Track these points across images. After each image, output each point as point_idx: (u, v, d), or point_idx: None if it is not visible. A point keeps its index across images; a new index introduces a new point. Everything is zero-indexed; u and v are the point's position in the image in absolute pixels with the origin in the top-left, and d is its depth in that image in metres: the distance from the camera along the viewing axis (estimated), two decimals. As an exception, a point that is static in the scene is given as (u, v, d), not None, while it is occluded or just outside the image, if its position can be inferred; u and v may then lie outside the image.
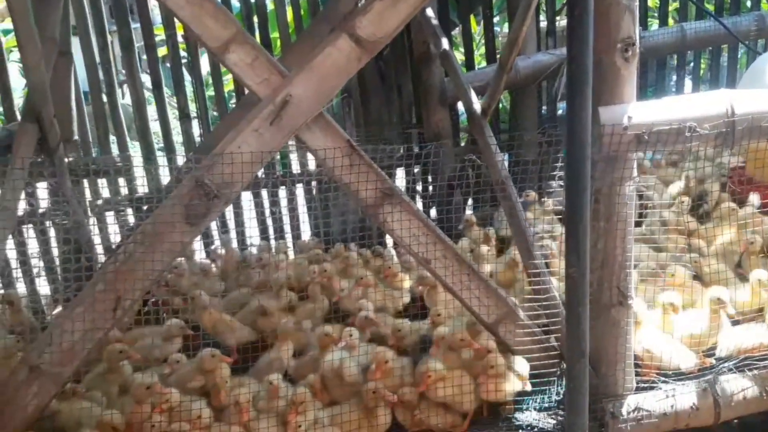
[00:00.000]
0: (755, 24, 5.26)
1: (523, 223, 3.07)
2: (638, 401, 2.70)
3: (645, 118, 2.29)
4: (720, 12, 5.61)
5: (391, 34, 2.28)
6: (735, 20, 5.31)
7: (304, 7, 5.19)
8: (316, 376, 2.81)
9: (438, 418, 2.67)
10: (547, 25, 5.68)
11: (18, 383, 2.43)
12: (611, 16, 2.25)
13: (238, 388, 2.66)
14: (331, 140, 2.39)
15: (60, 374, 2.45)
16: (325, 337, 2.87)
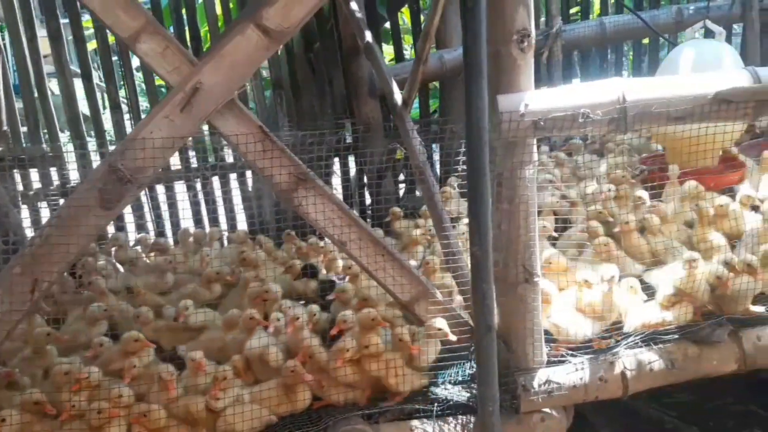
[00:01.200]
0: (674, 17, 5.53)
1: (439, 206, 3.19)
2: (549, 374, 2.84)
3: (541, 105, 2.43)
4: (640, 6, 5.85)
5: (298, 25, 2.37)
6: (653, 14, 5.57)
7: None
8: (240, 357, 2.88)
9: (340, 396, 2.77)
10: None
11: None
12: (506, 9, 2.37)
13: (163, 365, 2.71)
14: (244, 126, 2.46)
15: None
16: (250, 320, 2.94)
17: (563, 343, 2.98)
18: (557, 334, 3.01)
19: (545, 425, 2.82)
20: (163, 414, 2.58)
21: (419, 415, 2.75)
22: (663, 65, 4.16)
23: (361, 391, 2.79)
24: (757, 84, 2.41)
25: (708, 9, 5.42)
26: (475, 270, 2.47)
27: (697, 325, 2.96)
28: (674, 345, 2.95)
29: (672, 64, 3.97)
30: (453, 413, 2.77)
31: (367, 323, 2.85)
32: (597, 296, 2.99)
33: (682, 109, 2.41)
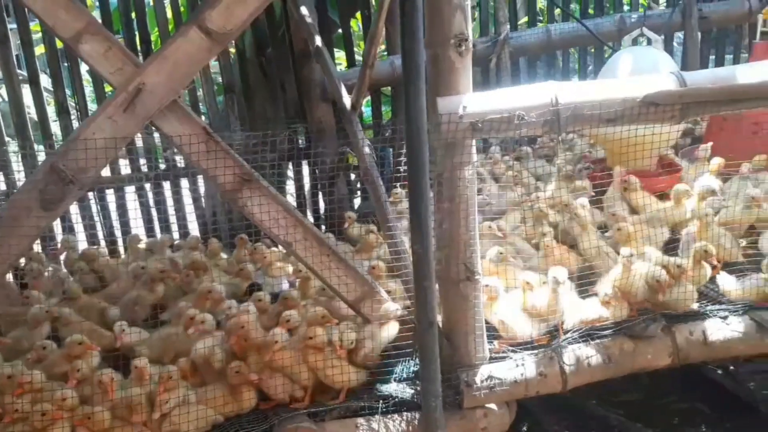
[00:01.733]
0: (617, 25, 5.71)
1: (386, 208, 3.25)
2: (491, 370, 2.91)
3: (479, 107, 2.50)
4: (585, 14, 6.03)
5: (240, 27, 2.41)
6: (597, 22, 5.75)
7: (183, 3, 5.21)
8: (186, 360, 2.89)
9: (278, 389, 2.81)
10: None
11: None
12: (444, 14, 2.44)
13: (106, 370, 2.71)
14: (188, 127, 2.48)
15: None
16: (190, 320, 2.95)
17: (507, 340, 3.06)
18: (503, 331, 3.09)
19: (488, 420, 2.89)
20: (107, 416, 2.58)
21: (365, 412, 2.80)
22: (603, 71, 4.31)
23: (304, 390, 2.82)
24: (683, 87, 2.54)
25: (646, 17, 5.63)
26: (417, 268, 2.53)
27: (632, 321, 3.07)
28: (611, 340, 3.05)
29: (611, 70, 4.12)
30: (398, 410, 2.82)
31: (315, 321, 2.91)
32: (542, 297, 3.08)
33: (613, 112, 2.52)
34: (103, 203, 5.25)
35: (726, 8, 5.95)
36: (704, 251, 3.13)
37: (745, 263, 3.35)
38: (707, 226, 3.42)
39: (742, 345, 3.11)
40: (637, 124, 2.58)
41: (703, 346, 3.09)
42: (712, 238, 3.39)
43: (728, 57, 6.54)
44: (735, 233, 3.55)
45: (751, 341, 3.10)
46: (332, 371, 2.79)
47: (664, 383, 3.75)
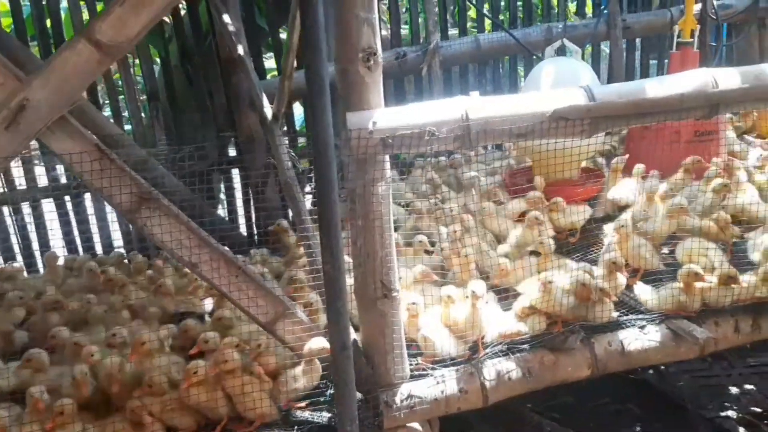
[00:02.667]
0: (544, 35, 5.77)
1: (307, 221, 3.16)
2: (411, 389, 2.86)
3: (389, 122, 2.44)
4: (513, 24, 6.08)
5: (133, 39, 2.28)
6: (525, 32, 5.80)
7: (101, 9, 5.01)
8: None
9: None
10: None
11: None
12: (351, 28, 2.37)
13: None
14: (79, 144, 2.34)
15: None
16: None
17: (429, 358, 3.00)
18: (425, 348, 3.03)
19: (409, 440, 2.83)
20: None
21: (279, 439, 2.70)
22: (526, 82, 4.32)
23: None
24: (591, 102, 2.53)
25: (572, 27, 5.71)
26: (329, 288, 2.44)
27: (551, 334, 3.05)
28: (531, 354, 3.03)
29: (533, 80, 4.14)
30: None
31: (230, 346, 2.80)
32: (462, 312, 3.03)
33: (524, 126, 2.49)
34: (19, 216, 5.01)
35: (649, 18, 6.10)
36: (613, 263, 3.13)
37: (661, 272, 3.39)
38: (626, 236, 3.44)
39: (659, 354, 3.14)
40: (548, 138, 2.56)
41: (621, 357, 3.10)
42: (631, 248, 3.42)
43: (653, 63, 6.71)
44: (656, 242, 3.58)
45: (668, 350, 3.13)
46: (250, 400, 2.68)
47: (597, 385, 3.79)
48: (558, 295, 3.05)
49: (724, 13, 6.04)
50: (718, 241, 3.50)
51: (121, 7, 2.23)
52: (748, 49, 6.40)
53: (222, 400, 2.71)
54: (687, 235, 3.58)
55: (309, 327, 2.92)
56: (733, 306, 3.21)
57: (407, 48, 5.62)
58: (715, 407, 4.44)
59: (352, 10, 2.39)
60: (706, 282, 3.13)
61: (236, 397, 2.71)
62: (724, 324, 3.21)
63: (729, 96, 2.69)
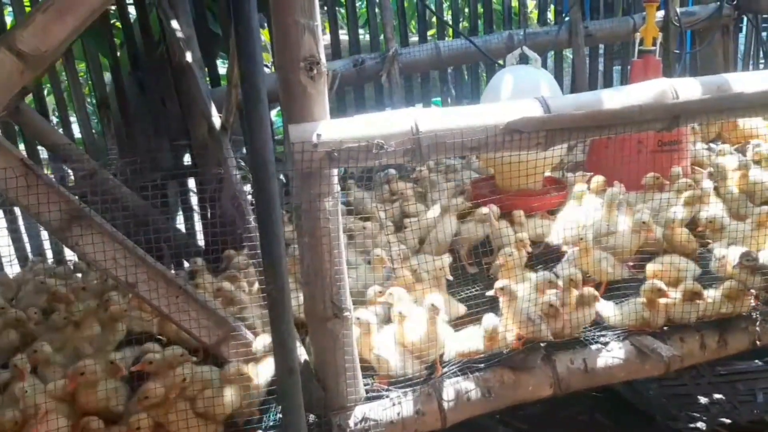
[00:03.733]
0: (505, 42, 5.70)
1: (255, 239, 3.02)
2: (365, 411, 2.73)
3: (335, 135, 2.31)
4: (474, 32, 6.00)
5: (58, 47, 2.13)
6: (486, 39, 5.73)
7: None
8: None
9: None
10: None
11: None
12: (291, 35, 2.23)
13: None
14: (2, 159, 2.17)
15: None
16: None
17: (384, 378, 2.88)
18: (379, 369, 2.91)
19: (364, 465, 2.70)
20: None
21: (223, 467, 2.56)
22: (486, 91, 4.24)
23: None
24: (547, 114, 2.43)
25: (534, 35, 5.65)
26: (273, 311, 2.31)
27: (511, 352, 2.95)
28: (490, 372, 2.92)
29: (492, 89, 4.05)
30: (261, 463, 2.60)
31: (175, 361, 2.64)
32: (418, 329, 2.91)
33: (476, 140, 2.38)
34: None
35: (611, 26, 6.06)
36: (570, 279, 3.05)
37: (624, 288, 3.31)
38: (587, 250, 3.37)
39: (623, 371, 3.05)
40: (503, 151, 2.46)
41: (584, 374, 3.00)
42: (593, 262, 3.35)
43: (617, 69, 6.69)
44: (623, 257, 3.50)
45: (632, 367, 3.04)
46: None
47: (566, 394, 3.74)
48: (522, 310, 2.95)
49: (687, 21, 6.04)
50: (683, 255, 3.44)
51: (44, 14, 2.08)
52: (712, 56, 6.41)
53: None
54: (653, 250, 3.51)
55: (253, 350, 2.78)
56: (699, 322, 3.14)
57: (365, 55, 5.51)
58: (684, 418, 4.42)
59: (291, 15, 2.25)
60: (670, 298, 3.05)
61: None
62: (690, 340, 3.12)
63: (690, 107, 2.61)
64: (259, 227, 2.23)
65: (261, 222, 2.22)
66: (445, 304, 3.04)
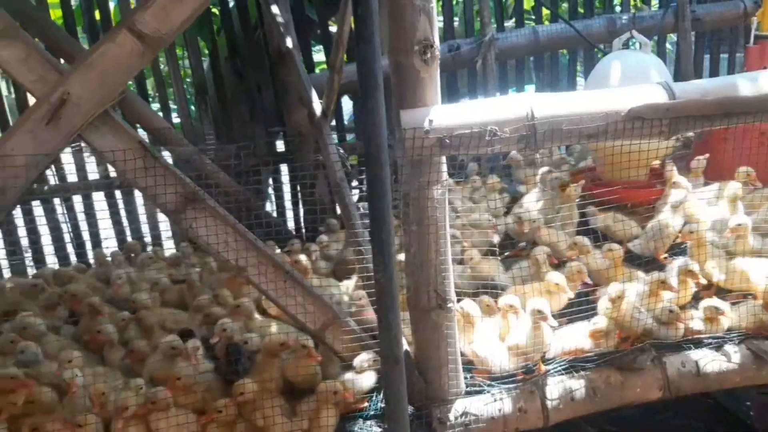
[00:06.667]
0: (607, 27, 5.46)
1: (356, 225, 3.00)
2: (466, 405, 2.68)
3: (447, 121, 2.24)
4: (574, 16, 5.78)
5: (177, 30, 2.14)
6: (587, 23, 5.49)
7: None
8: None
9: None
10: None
11: None
12: (406, 18, 2.18)
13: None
14: (121, 141, 2.22)
15: None
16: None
17: (483, 372, 2.81)
18: (477, 363, 2.84)
19: (463, 459, 2.65)
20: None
21: (325, 453, 2.55)
22: (590, 77, 4.06)
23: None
24: (672, 100, 2.28)
25: (637, 18, 5.38)
26: (380, 298, 2.28)
27: (619, 352, 2.82)
28: (596, 372, 2.81)
29: (598, 76, 3.87)
30: (364, 450, 2.59)
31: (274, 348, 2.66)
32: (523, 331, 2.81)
33: (594, 126, 2.27)
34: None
35: (720, 10, 5.69)
36: (688, 270, 2.88)
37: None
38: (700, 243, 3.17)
39: (738, 376, 2.88)
40: (623, 139, 2.33)
41: (695, 378, 2.85)
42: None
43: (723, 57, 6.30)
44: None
45: (748, 372, 2.87)
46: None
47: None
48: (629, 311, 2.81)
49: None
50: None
51: (165, -5, 2.09)
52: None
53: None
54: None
55: (358, 337, 2.77)
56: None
57: (461, 40, 5.39)
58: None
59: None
60: (790, 300, 2.85)
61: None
62: (815, 345, 2.91)
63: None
64: (370, 214, 2.19)
65: (372, 209, 2.18)
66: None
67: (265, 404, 2.51)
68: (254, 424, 2.53)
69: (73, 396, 2.49)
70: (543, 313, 2.70)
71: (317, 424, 2.55)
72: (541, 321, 2.72)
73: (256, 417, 2.52)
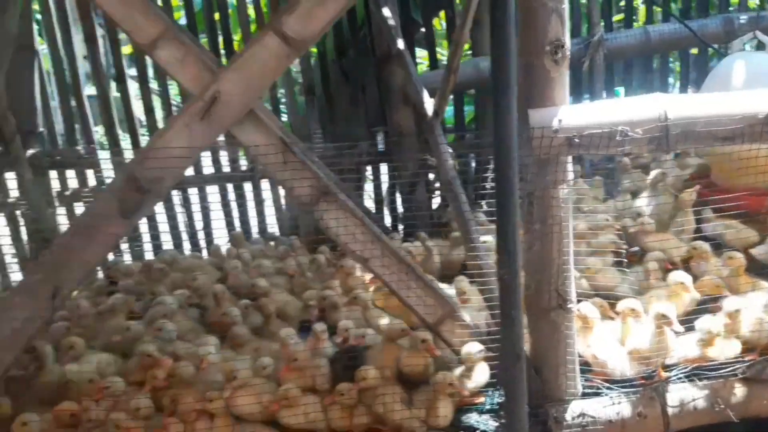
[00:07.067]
0: (723, 27, 5.26)
1: (469, 224, 3.05)
2: (583, 407, 2.68)
3: (576, 121, 2.28)
4: (687, 15, 5.61)
5: (319, 32, 2.27)
6: (702, 23, 5.31)
7: (265, 4, 5.16)
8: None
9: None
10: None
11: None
12: (538, 19, 2.23)
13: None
14: (264, 137, 2.37)
15: (1, 359, 2.46)
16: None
17: (600, 375, 2.80)
18: (595, 366, 2.83)
19: (577, 460, 2.66)
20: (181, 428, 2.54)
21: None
22: (709, 79, 3.93)
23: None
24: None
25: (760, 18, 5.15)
26: (504, 295, 2.32)
27: (745, 361, 2.74)
28: (720, 382, 2.73)
29: (718, 77, 3.75)
30: (480, 444, 2.63)
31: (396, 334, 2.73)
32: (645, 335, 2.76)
33: (730, 129, 2.23)
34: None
35: None
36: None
37: None
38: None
39: None
40: (760, 143, 2.28)
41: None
42: None
43: None
44: None
45: None
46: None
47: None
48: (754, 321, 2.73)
49: None
50: None
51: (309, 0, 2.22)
52: None
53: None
54: None
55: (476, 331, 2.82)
56: None
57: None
58: None
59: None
60: None
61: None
62: None
63: None
64: (497, 213, 2.24)
65: (499, 208, 2.22)
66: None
67: (386, 391, 2.60)
68: (374, 410, 2.62)
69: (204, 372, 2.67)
70: (668, 318, 2.66)
71: (434, 413, 2.61)
72: (665, 326, 2.67)
73: (376, 403, 2.60)
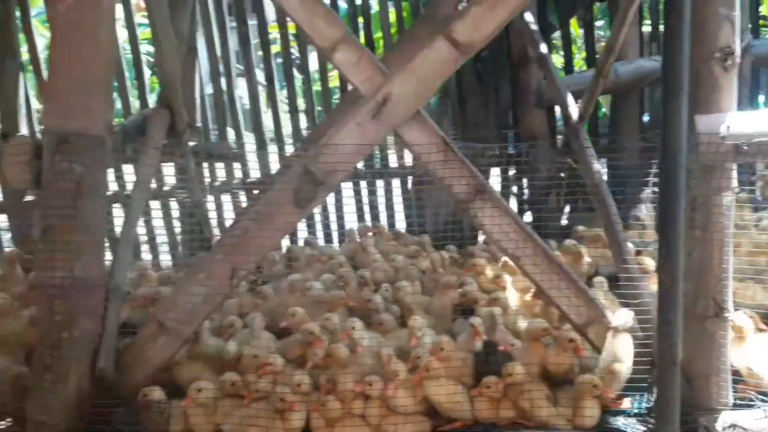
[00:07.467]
0: None
1: (616, 228, 3.05)
2: (734, 418, 2.61)
3: (744, 128, 2.25)
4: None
5: (487, 38, 2.37)
6: None
7: (407, 8, 5.32)
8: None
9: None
10: (651, 30, 5.53)
11: (146, 337, 2.72)
12: (709, 26, 2.23)
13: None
14: (427, 137, 2.50)
15: (181, 332, 2.71)
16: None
17: (753, 387, 2.73)
18: (748, 378, 2.76)
19: (727, 472, 2.60)
20: (338, 405, 2.66)
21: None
22: None
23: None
24: None
25: None
26: (662, 298, 2.33)
27: None
28: None
29: None
30: (626, 447, 2.64)
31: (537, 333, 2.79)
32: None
33: None
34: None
35: None
36: None
37: None
38: None
39: None
40: None
41: None
42: None
43: None
44: None
45: None
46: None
47: None
48: None
49: None
50: None
51: (479, 6, 2.32)
52: None
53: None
54: None
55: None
56: None
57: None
58: None
59: (711, 5, 2.26)
60: None
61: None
62: None
63: None
64: (661, 215, 2.26)
65: (663, 213, 2.24)
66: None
67: (533, 388, 2.65)
68: (519, 406, 2.68)
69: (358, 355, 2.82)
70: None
71: (580, 413, 2.64)
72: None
73: (522, 398, 2.66)
